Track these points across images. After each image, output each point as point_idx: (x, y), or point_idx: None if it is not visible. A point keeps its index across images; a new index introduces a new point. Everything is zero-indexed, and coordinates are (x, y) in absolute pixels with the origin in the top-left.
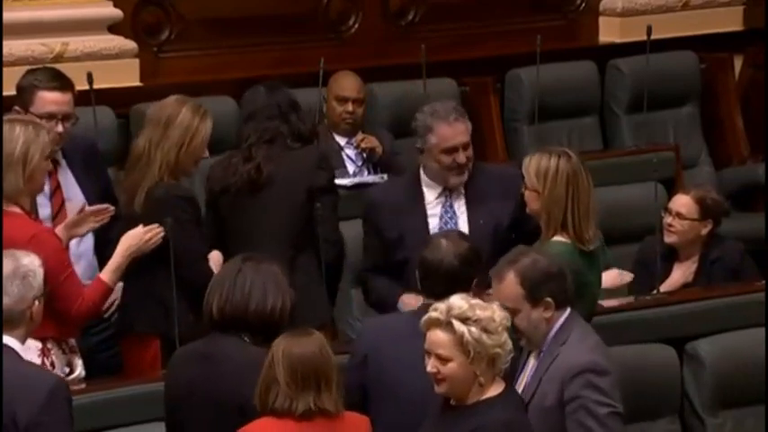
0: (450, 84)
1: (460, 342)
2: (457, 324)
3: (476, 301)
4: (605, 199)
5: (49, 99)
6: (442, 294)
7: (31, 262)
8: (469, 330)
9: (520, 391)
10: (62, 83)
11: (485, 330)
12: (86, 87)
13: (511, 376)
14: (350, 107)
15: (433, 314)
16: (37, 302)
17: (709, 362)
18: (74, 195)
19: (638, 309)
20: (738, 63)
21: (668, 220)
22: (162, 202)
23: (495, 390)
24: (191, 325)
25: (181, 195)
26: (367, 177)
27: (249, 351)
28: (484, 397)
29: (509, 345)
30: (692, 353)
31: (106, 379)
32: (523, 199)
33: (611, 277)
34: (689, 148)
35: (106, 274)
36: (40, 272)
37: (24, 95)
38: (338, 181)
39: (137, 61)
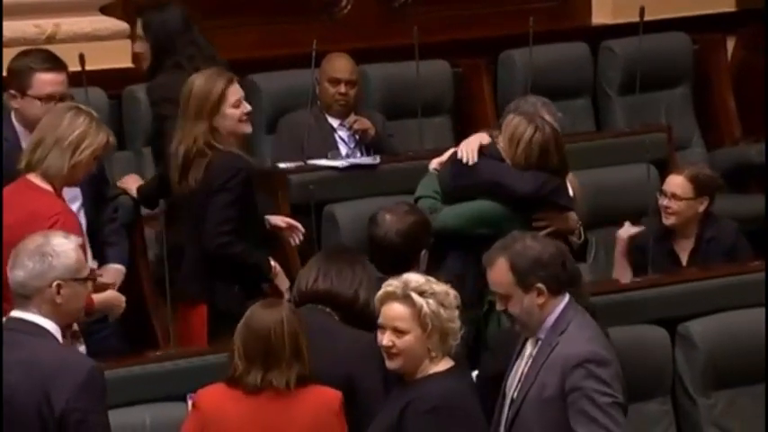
0: (444, 65)
1: (419, 315)
2: (416, 297)
3: (429, 276)
4: (597, 180)
5: (48, 80)
6: (391, 270)
7: (61, 243)
8: (428, 303)
9: (517, 379)
10: (57, 63)
11: (441, 304)
12: (78, 69)
13: (509, 361)
14: (342, 89)
15: (388, 289)
16: (59, 284)
17: (701, 343)
18: None
19: (630, 290)
20: (731, 44)
21: (664, 202)
22: (210, 168)
23: (444, 366)
24: (235, 296)
25: (231, 162)
26: (360, 159)
27: (358, 336)
28: (431, 372)
29: (459, 322)
30: (683, 334)
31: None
32: None
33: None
34: (681, 130)
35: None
36: (69, 255)
37: (21, 79)
38: (331, 163)
39: (129, 42)
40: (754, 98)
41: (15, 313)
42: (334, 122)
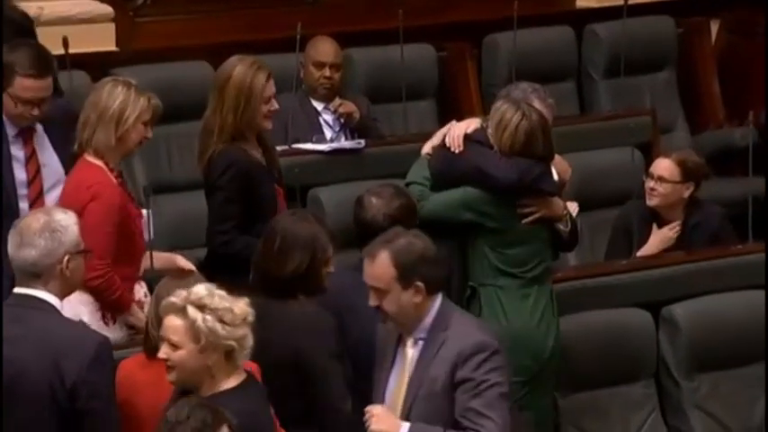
0: (428, 49)
1: (192, 328)
2: (191, 310)
3: (221, 291)
4: (582, 164)
5: (27, 86)
6: None
7: (65, 218)
8: (204, 318)
9: (406, 382)
10: (40, 69)
11: (220, 320)
12: (62, 52)
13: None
14: (327, 72)
15: (171, 299)
16: (69, 258)
17: (685, 326)
18: (50, 161)
19: (614, 273)
20: (715, 27)
21: (650, 184)
22: (209, 163)
23: (233, 382)
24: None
25: (221, 160)
26: (344, 143)
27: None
28: (219, 390)
29: (248, 340)
30: (667, 317)
31: None
32: None
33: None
34: (666, 113)
35: (135, 309)
36: (73, 229)
37: (5, 73)
38: (316, 146)
39: (112, 26)
40: (738, 82)
41: (20, 290)
42: (319, 106)
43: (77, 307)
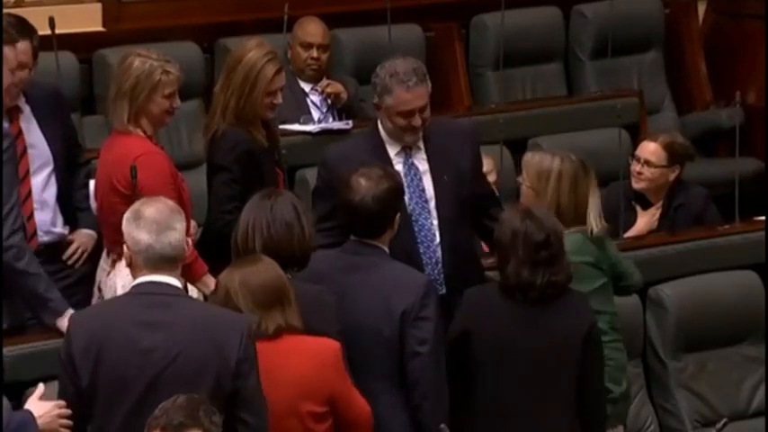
0: (415, 29)
1: None
2: None
3: None
4: (569, 144)
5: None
6: (367, 234)
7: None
8: None
9: None
10: (18, 30)
11: None
12: (48, 32)
13: None
14: (315, 53)
15: None
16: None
17: (672, 306)
18: (37, 142)
19: None
20: (702, 8)
21: (637, 168)
22: (212, 143)
23: None
24: None
25: (224, 140)
26: (332, 123)
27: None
28: None
29: None
30: (654, 297)
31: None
32: (479, 153)
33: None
34: (652, 94)
35: (208, 277)
36: None
37: None
38: (303, 128)
39: (99, 6)
40: (725, 62)
41: (156, 278)
42: (306, 87)
43: None
